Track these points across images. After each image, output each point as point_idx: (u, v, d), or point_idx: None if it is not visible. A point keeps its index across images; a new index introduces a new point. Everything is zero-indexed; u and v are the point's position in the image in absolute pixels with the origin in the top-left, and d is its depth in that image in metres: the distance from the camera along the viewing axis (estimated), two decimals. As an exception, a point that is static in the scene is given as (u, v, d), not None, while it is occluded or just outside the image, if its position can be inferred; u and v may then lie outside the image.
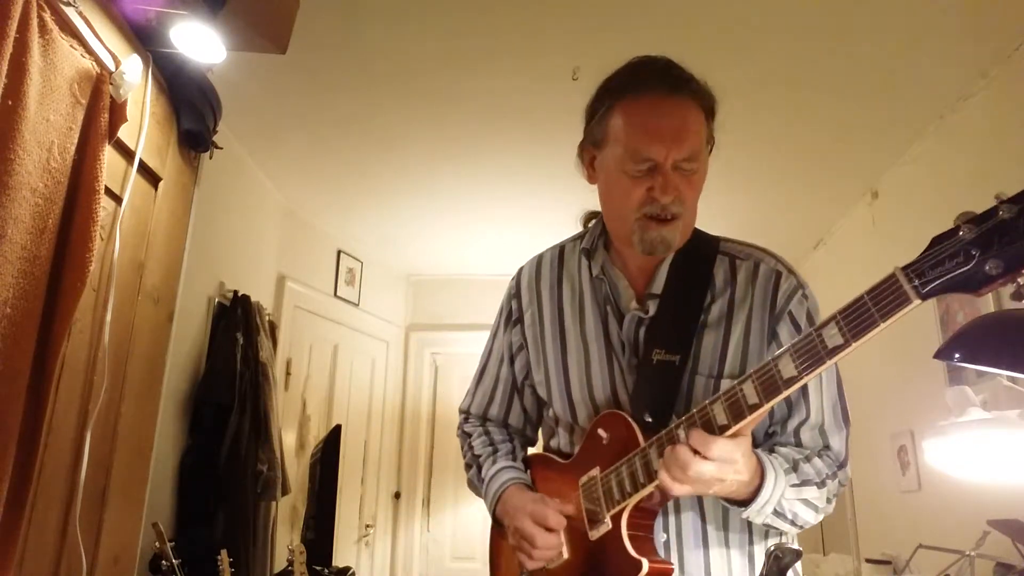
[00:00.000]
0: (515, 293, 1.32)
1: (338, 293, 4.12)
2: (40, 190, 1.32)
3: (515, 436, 1.35)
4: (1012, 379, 1.96)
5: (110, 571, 1.65)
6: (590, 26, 2.32)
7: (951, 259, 0.71)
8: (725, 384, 1.05)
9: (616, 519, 1.04)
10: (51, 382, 1.36)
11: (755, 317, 1.11)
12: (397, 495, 4.43)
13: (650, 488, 1.00)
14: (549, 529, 1.09)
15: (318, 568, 2.78)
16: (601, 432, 1.10)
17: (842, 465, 1.12)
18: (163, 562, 1.97)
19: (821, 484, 1.07)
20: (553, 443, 1.28)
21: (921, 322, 2.83)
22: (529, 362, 1.28)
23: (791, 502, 1.03)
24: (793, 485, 1.02)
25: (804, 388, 1.07)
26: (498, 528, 1.25)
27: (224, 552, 2.19)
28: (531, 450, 1.37)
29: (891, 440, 3.13)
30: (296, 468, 3.44)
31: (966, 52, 2.36)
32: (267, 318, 3.12)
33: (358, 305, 4.27)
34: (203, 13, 1.65)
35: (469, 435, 1.35)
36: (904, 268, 0.75)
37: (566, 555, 1.11)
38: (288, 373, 3.56)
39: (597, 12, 2.25)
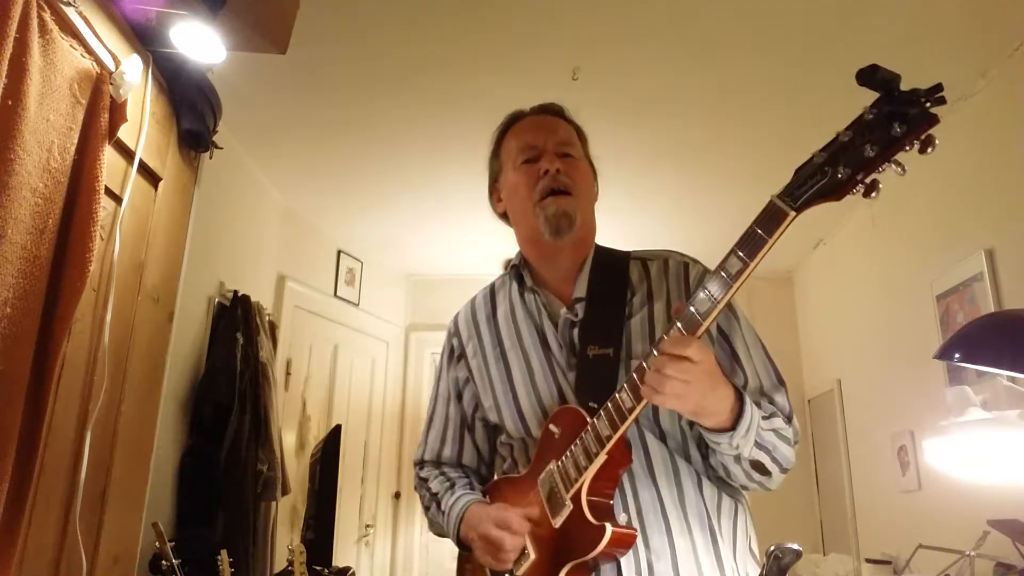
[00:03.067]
0: (454, 332, 1.40)
1: (338, 293, 4.12)
2: (40, 190, 1.32)
3: (471, 475, 1.38)
4: (1012, 379, 1.96)
5: (110, 571, 1.65)
6: (590, 26, 2.32)
7: (811, 178, 0.88)
8: None
9: (576, 498, 1.09)
10: (51, 382, 1.36)
11: (673, 299, 1.23)
12: (397, 495, 4.43)
13: (603, 456, 1.05)
14: (513, 532, 1.13)
15: (318, 568, 2.78)
16: (552, 428, 1.16)
17: (790, 418, 1.16)
18: (163, 562, 1.97)
19: (787, 419, 1.14)
20: (507, 469, 1.31)
21: (921, 322, 2.84)
22: (477, 393, 1.32)
23: (767, 432, 1.08)
24: (764, 417, 1.09)
25: (736, 356, 1.18)
26: (465, 552, 1.27)
27: (224, 552, 2.19)
28: None
29: (891, 440, 3.13)
30: (296, 468, 3.44)
31: (966, 52, 2.36)
32: (267, 318, 3.12)
33: (358, 305, 4.28)
34: (203, 13, 1.65)
35: (426, 480, 1.37)
36: (777, 195, 0.91)
37: (532, 555, 1.14)
38: (288, 373, 3.56)
39: (597, 12, 2.25)
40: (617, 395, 1.05)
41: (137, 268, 1.76)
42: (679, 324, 0.97)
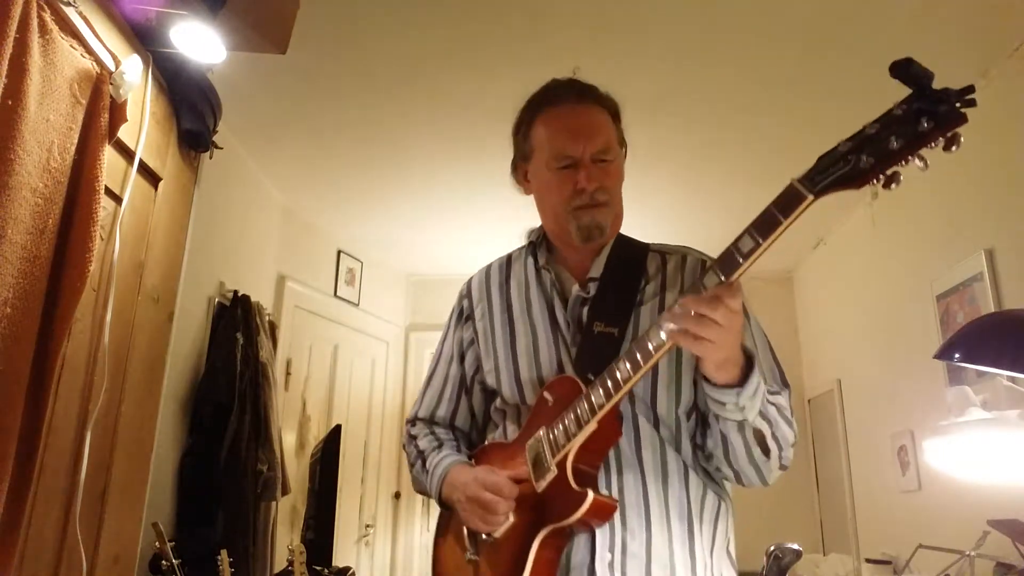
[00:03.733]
0: (466, 294, 1.41)
1: (338, 293, 4.12)
2: (40, 190, 1.32)
3: (460, 438, 1.38)
4: (1012, 379, 1.96)
5: (110, 571, 1.65)
6: (590, 26, 2.32)
7: (833, 165, 0.88)
8: None
9: (561, 464, 1.10)
10: (51, 382, 1.36)
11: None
12: (397, 495, 4.43)
13: (593, 425, 1.06)
14: (505, 497, 1.14)
15: (318, 568, 2.78)
16: (547, 395, 1.17)
17: (790, 418, 1.16)
18: (163, 562, 1.97)
19: (789, 410, 1.15)
20: (498, 436, 1.31)
21: (921, 322, 2.84)
22: (479, 356, 1.34)
23: (771, 406, 1.09)
24: (770, 392, 1.10)
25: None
26: (446, 510, 1.28)
27: (224, 552, 2.19)
28: None
29: (891, 440, 3.13)
30: (296, 468, 3.44)
31: (966, 52, 2.36)
32: (267, 318, 3.12)
33: (358, 305, 4.28)
34: (203, 13, 1.65)
35: (415, 437, 1.38)
36: (798, 178, 0.91)
37: (512, 518, 1.14)
38: (288, 373, 3.56)
39: (596, 12, 2.25)
40: (615, 364, 1.05)
41: (137, 268, 1.76)
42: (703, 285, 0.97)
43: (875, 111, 0.86)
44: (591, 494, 1.05)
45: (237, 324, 2.83)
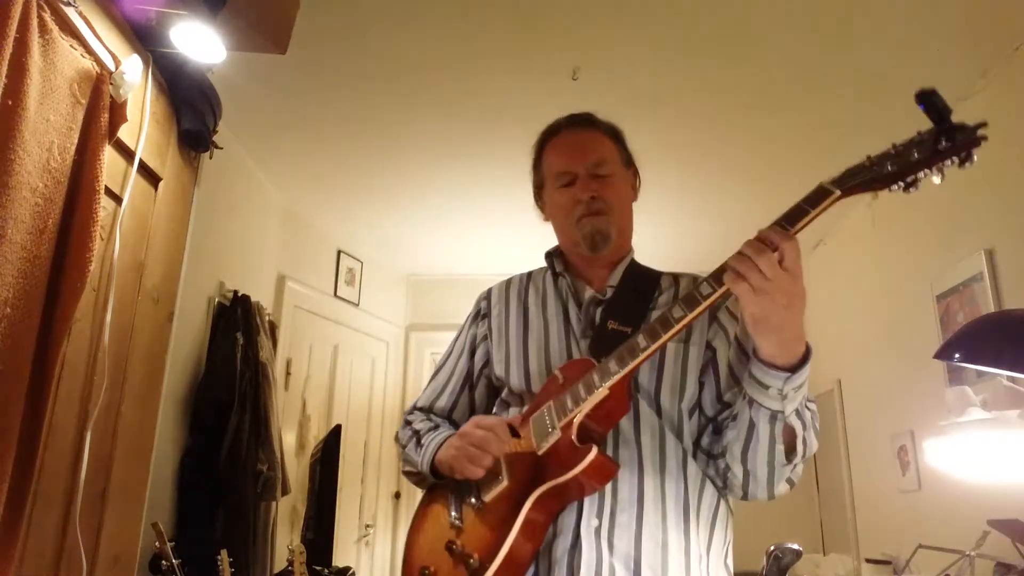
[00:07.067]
0: (484, 297, 1.48)
1: (338, 293, 4.12)
2: (40, 190, 1.32)
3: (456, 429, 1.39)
4: (1012, 379, 1.96)
5: (110, 571, 1.65)
6: (590, 26, 2.32)
7: (859, 171, 1.02)
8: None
9: (567, 427, 1.10)
10: (51, 382, 1.36)
11: None
12: (397, 495, 4.43)
13: (604, 391, 1.07)
14: (496, 433, 1.15)
15: (318, 568, 2.78)
16: (559, 375, 1.20)
17: (817, 431, 1.19)
18: (163, 562, 1.97)
19: (818, 421, 1.15)
20: None
21: (921, 322, 2.84)
22: (490, 350, 1.39)
23: (806, 410, 1.10)
24: (807, 398, 1.10)
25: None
26: (438, 480, 1.29)
27: (224, 552, 2.19)
28: None
29: (891, 440, 3.13)
30: (296, 468, 3.44)
31: (966, 52, 2.36)
32: (267, 318, 3.12)
33: (358, 305, 4.28)
34: (203, 13, 1.65)
35: (411, 422, 1.41)
36: (828, 181, 1.03)
37: (505, 482, 1.14)
38: (288, 373, 3.56)
39: (597, 12, 2.25)
40: (632, 338, 1.08)
41: (137, 268, 1.76)
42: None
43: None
44: (595, 449, 1.05)
45: (237, 324, 2.83)
